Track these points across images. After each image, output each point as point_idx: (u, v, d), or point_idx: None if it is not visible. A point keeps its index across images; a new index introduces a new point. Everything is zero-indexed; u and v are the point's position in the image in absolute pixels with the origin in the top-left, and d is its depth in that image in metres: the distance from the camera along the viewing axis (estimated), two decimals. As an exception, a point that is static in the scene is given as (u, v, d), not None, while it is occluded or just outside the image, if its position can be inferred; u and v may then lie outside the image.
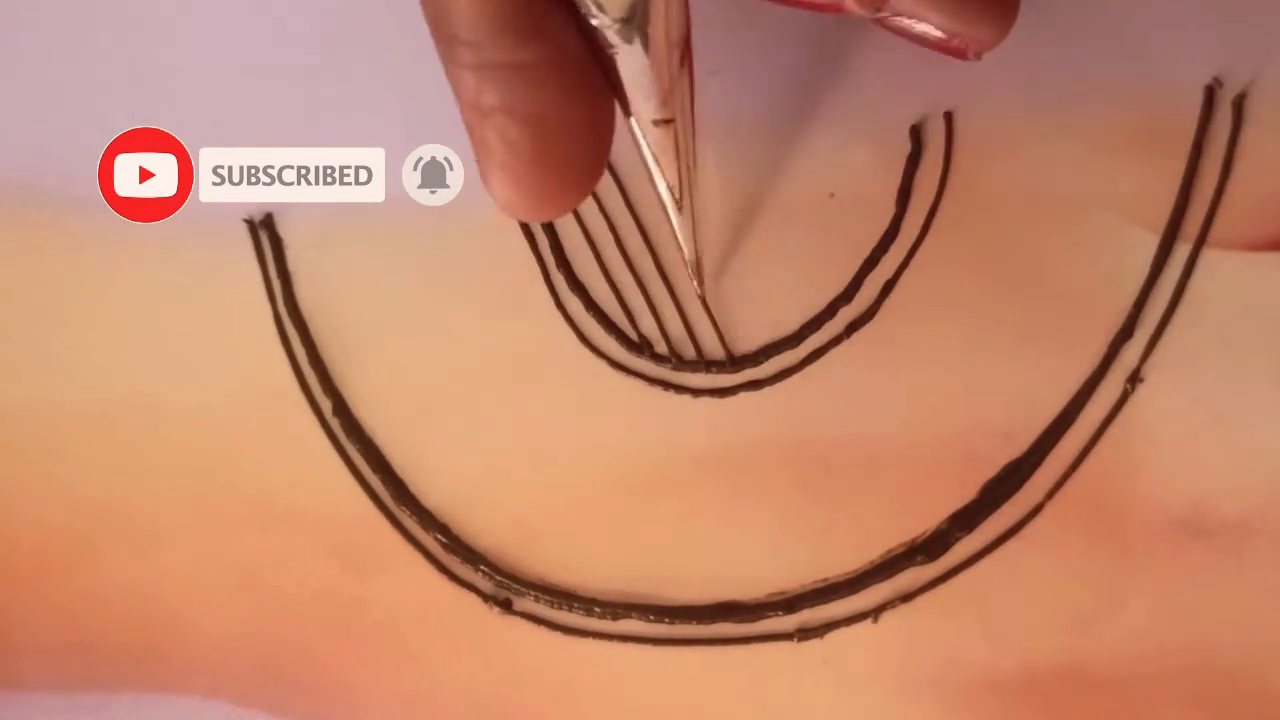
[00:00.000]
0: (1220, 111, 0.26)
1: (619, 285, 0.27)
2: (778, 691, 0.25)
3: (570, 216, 0.27)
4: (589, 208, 0.27)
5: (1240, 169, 0.25)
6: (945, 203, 0.26)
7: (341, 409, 0.27)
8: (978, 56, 0.23)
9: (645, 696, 0.26)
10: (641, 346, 0.26)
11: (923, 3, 0.22)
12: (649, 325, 0.27)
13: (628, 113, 0.22)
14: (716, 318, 0.26)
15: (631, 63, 0.20)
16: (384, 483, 0.26)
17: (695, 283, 0.26)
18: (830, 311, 0.26)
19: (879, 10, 0.22)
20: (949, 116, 0.26)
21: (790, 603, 0.25)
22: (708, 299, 0.26)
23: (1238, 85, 0.26)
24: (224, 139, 0.27)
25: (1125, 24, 0.26)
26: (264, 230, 0.27)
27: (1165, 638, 0.25)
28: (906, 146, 0.26)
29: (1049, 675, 0.25)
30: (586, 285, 0.27)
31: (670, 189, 0.23)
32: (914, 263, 0.26)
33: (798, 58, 0.27)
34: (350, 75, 0.27)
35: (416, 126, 0.27)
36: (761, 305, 0.26)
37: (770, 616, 0.25)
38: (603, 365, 0.26)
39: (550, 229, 0.27)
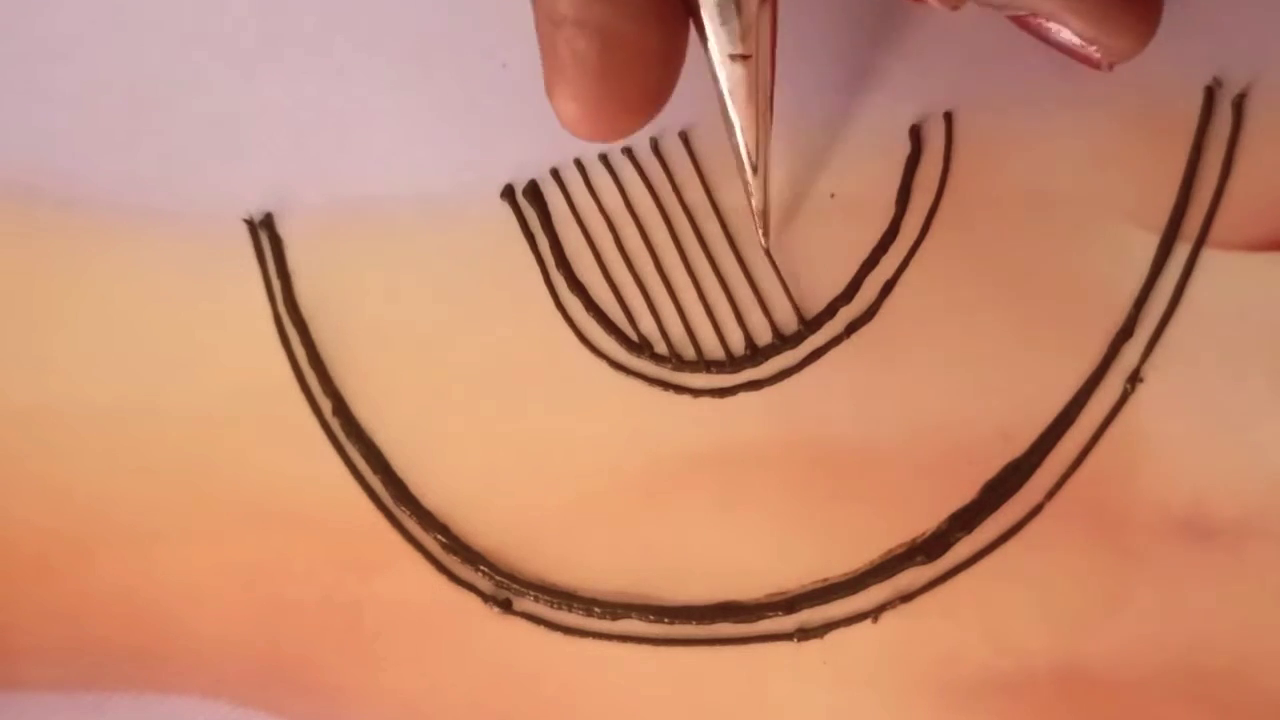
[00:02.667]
0: (1220, 111, 0.26)
1: (619, 285, 0.27)
2: (778, 691, 0.25)
3: (570, 216, 0.27)
4: (589, 207, 0.27)
5: (1240, 169, 0.25)
6: (945, 203, 0.26)
7: (341, 409, 0.27)
8: (1110, 68, 0.24)
9: (645, 696, 0.25)
10: (641, 346, 0.26)
11: (1066, 7, 0.22)
12: (649, 325, 0.27)
13: (705, 46, 0.22)
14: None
15: None
16: (384, 483, 0.26)
17: (760, 233, 0.25)
18: (830, 311, 0.26)
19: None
20: (949, 116, 0.26)
21: (790, 603, 0.25)
22: (772, 251, 0.26)
23: (1238, 85, 0.26)
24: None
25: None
26: (264, 230, 0.27)
27: (1165, 638, 0.25)
28: (906, 146, 0.26)
29: (1049, 675, 0.25)
30: (586, 285, 0.27)
31: (744, 132, 0.23)
32: (914, 263, 0.26)
33: (797, 58, 0.27)
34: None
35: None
36: (761, 306, 0.26)
37: (770, 616, 0.25)
38: (603, 365, 0.26)
39: (550, 229, 0.27)
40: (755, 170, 0.24)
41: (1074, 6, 0.23)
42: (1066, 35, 0.23)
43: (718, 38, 0.21)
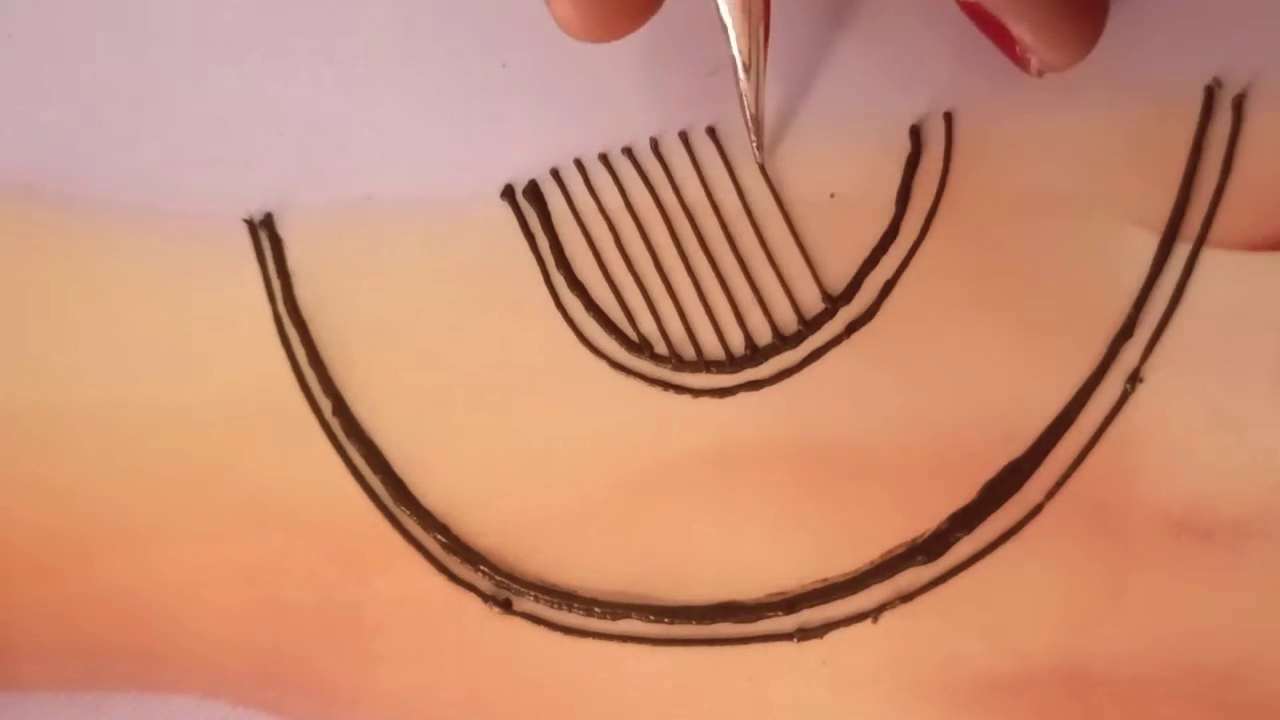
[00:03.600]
0: (1220, 111, 0.26)
1: (619, 285, 0.27)
2: (778, 691, 0.25)
3: (570, 216, 0.27)
4: (589, 207, 0.27)
5: (1240, 169, 0.25)
6: (945, 203, 0.26)
7: (341, 409, 0.27)
8: (1040, 75, 0.24)
9: (645, 696, 0.25)
10: (641, 347, 0.26)
11: (1010, 10, 0.23)
12: (649, 325, 0.27)
13: None
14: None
15: None
16: (384, 483, 0.26)
17: (754, 145, 0.25)
18: (830, 311, 0.26)
19: None
20: (949, 116, 0.26)
21: (790, 603, 0.25)
22: (766, 166, 0.26)
23: (1238, 85, 0.26)
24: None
25: (1125, 24, 0.26)
26: (264, 230, 0.27)
27: (1165, 638, 0.25)
28: (906, 146, 0.26)
29: (1049, 675, 0.25)
30: (586, 285, 0.27)
31: (737, 35, 0.23)
32: (914, 263, 0.26)
33: (798, 58, 0.27)
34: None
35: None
36: (761, 306, 0.26)
37: (770, 616, 0.25)
38: (603, 366, 0.26)
39: (550, 229, 0.27)
40: (749, 71, 0.24)
41: (1017, 10, 0.23)
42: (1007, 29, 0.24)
43: None
